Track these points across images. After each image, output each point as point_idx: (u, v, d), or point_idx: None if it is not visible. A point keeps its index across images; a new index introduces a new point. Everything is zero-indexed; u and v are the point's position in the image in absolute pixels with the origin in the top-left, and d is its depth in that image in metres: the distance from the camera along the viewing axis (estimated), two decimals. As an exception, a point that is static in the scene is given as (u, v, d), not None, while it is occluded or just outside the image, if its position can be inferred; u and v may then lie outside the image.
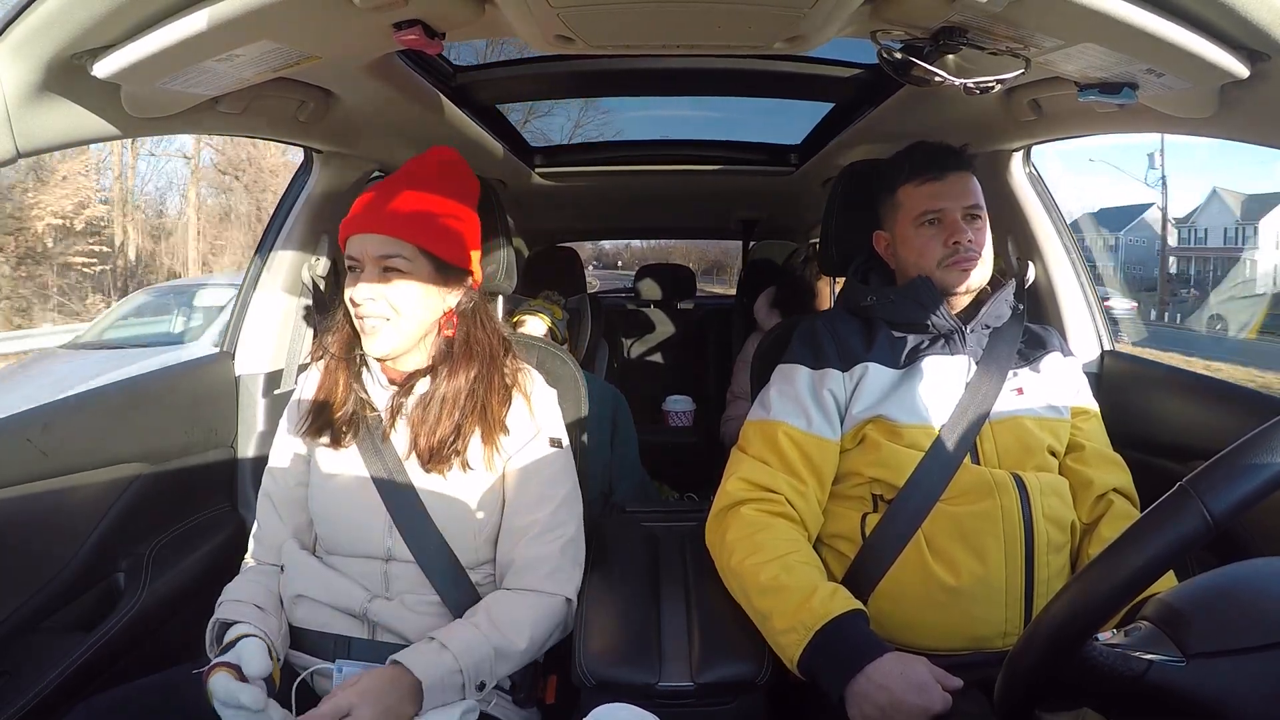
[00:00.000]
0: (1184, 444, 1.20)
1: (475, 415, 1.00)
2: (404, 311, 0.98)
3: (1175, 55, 0.75)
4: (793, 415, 1.07)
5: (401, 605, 0.98)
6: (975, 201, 1.08)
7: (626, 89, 1.72)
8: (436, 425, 0.99)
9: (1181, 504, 0.53)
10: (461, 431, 0.99)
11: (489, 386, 1.02)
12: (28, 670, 1.01)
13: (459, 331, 1.03)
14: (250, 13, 0.74)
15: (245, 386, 1.44)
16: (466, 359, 1.02)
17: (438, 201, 1.01)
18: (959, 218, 1.07)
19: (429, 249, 0.99)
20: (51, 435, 1.07)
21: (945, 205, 1.07)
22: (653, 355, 3.19)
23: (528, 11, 0.83)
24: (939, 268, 1.07)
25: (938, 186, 1.08)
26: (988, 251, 1.09)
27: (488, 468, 1.01)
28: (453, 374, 1.01)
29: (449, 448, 0.99)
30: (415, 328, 1.00)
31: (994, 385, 1.05)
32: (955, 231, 1.06)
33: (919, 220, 1.09)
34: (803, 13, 0.82)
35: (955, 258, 1.06)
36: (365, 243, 0.98)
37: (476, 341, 1.03)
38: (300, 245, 1.49)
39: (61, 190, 12.75)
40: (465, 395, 1.00)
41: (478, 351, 1.03)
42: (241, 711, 0.85)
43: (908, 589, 0.98)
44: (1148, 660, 0.56)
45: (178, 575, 1.24)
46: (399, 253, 0.97)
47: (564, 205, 2.62)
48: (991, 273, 1.12)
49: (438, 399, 1.00)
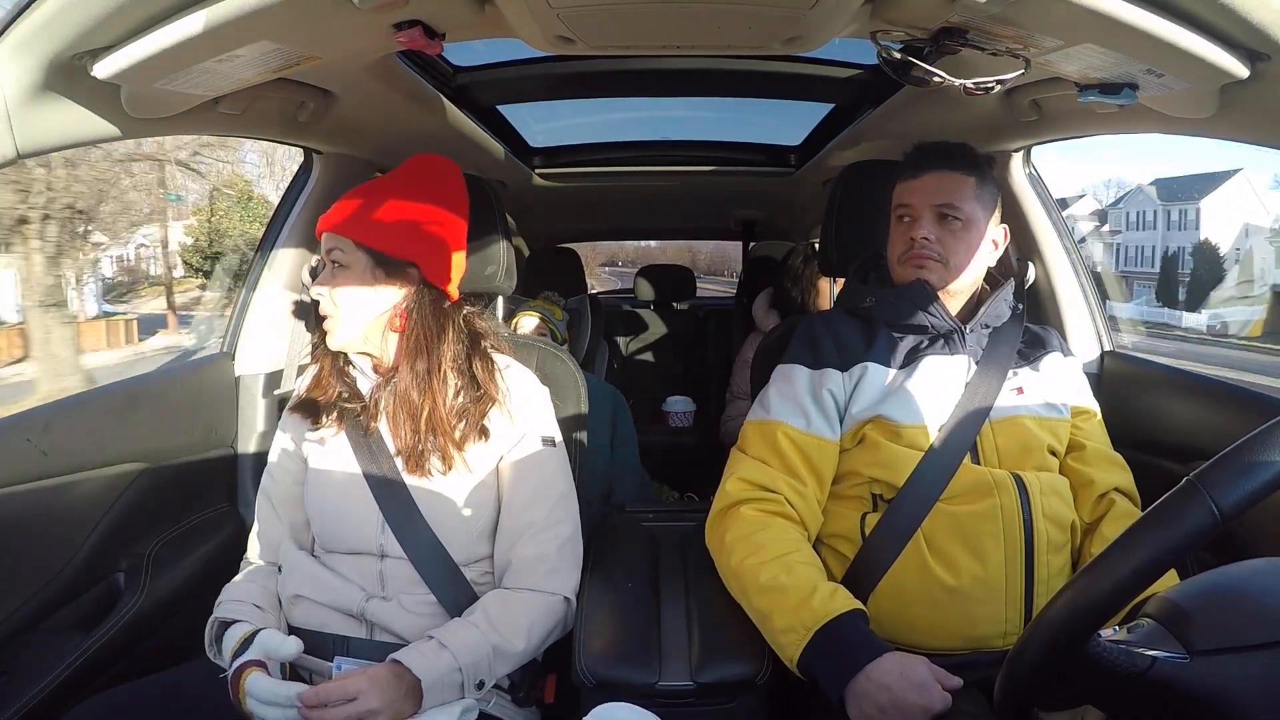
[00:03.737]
0: (1184, 444, 1.20)
1: (427, 419, 1.00)
2: (342, 305, 1.01)
3: (1175, 55, 0.75)
4: (792, 415, 1.07)
5: (399, 605, 0.98)
6: (946, 200, 1.06)
7: (626, 89, 1.73)
8: (403, 428, 1.01)
9: (1190, 498, 0.53)
10: (421, 437, 1.00)
11: (431, 387, 1.00)
12: (28, 670, 1.01)
13: (405, 327, 1.02)
14: (250, 13, 0.74)
15: (245, 386, 1.44)
16: (412, 356, 1.02)
17: (398, 202, 1.02)
18: (923, 216, 1.06)
19: (363, 242, 1.00)
20: (51, 435, 1.07)
21: (913, 201, 1.08)
22: (652, 355, 3.19)
23: (528, 12, 0.83)
24: (899, 263, 1.09)
25: (912, 183, 1.09)
26: (956, 253, 1.06)
27: (464, 466, 1.01)
28: (400, 373, 1.02)
29: (418, 451, 1.00)
30: (356, 324, 1.01)
31: (994, 385, 1.05)
32: (913, 228, 1.07)
33: (894, 215, 1.11)
34: (803, 13, 0.82)
35: (910, 253, 1.07)
36: (324, 241, 1.03)
37: (420, 339, 1.02)
38: (300, 245, 1.49)
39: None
40: (416, 394, 1.00)
41: (421, 348, 1.02)
42: (280, 709, 0.85)
43: (907, 589, 0.98)
44: (1151, 656, 0.56)
45: (178, 575, 1.24)
46: (336, 246, 1.01)
47: (564, 206, 2.62)
48: (984, 274, 1.12)
49: (395, 398, 1.01)
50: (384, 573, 1.00)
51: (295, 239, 1.49)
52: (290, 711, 0.85)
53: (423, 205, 1.03)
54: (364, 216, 1.01)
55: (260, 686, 0.86)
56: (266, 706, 0.86)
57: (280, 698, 0.85)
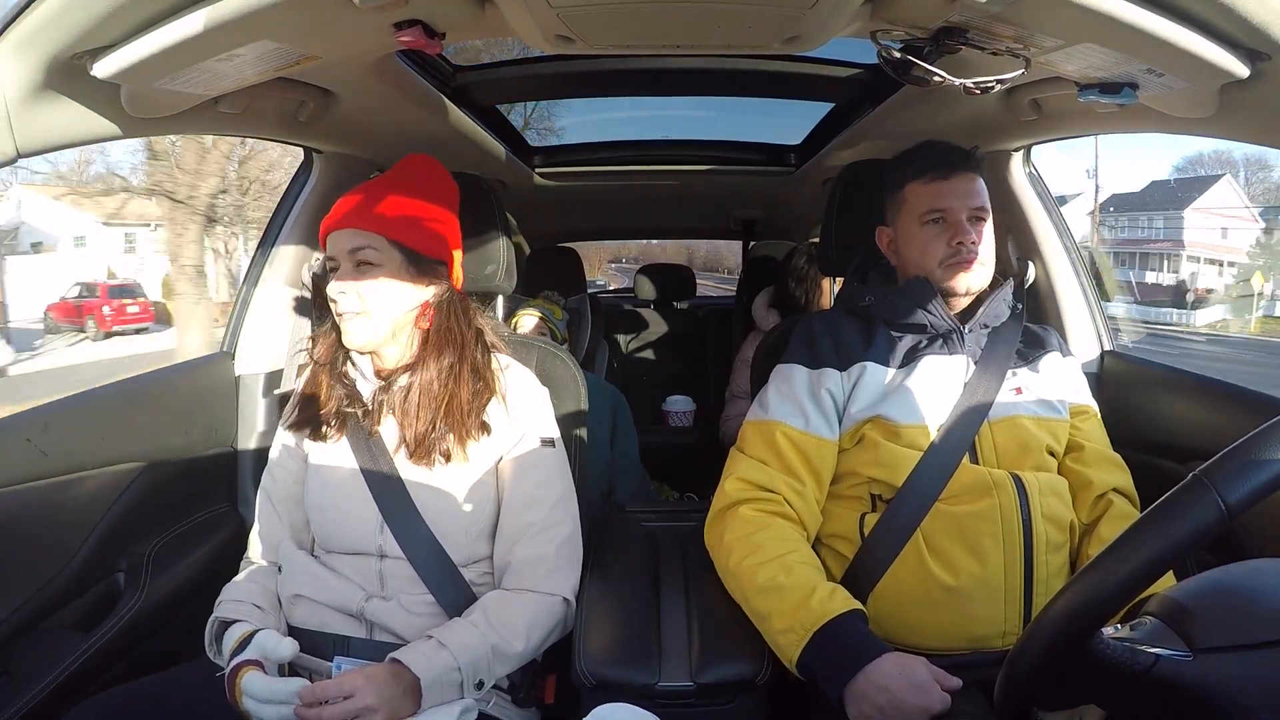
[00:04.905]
0: (1184, 444, 1.20)
1: (445, 407, 1.01)
2: (374, 304, 1.00)
3: (1175, 55, 0.75)
4: (790, 415, 1.07)
5: (398, 605, 0.98)
6: (981, 203, 1.08)
7: (626, 89, 1.72)
8: (416, 418, 1.00)
9: (1196, 494, 0.53)
10: (436, 424, 1.00)
11: (458, 378, 1.02)
12: (28, 670, 1.01)
13: (434, 323, 1.04)
14: (250, 13, 0.74)
15: (245, 386, 1.44)
16: (438, 350, 1.03)
17: (411, 200, 1.02)
18: (963, 218, 1.06)
19: (399, 240, 1.00)
20: (51, 435, 1.07)
21: (950, 205, 1.07)
22: (652, 355, 3.18)
23: (528, 11, 0.83)
24: (940, 267, 1.07)
25: (944, 185, 1.08)
26: (989, 254, 1.09)
27: (466, 461, 1.02)
28: (425, 366, 1.02)
29: (429, 439, 1.00)
30: (387, 321, 1.01)
31: (993, 385, 1.05)
32: (959, 232, 1.06)
33: (924, 218, 1.09)
34: (803, 13, 0.82)
35: (956, 258, 1.06)
36: (339, 239, 1.00)
37: (449, 332, 1.04)
38: (300, 245, 1.49)
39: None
40: (439, 386, 1.01)
41: (450, 342, 1.04)
42: (277, 706, 0.85)
43: (906, 589, 0.98)
44: (1154, 654, 0.56)
45: (178, 575, 1.24)
46: (369, 244, 0.99)
47: (564, 205, 2.62)
48: (992, 274, 1.12)
49: (415, 390, 1.01)
50: (383, 572, 1.00)
51: (295, 238, 1.49)
52: (286, 709, 0.85)
53: (436, 206, 1.05)
54: (394, 215, 1.00)
55: (257, 685, 0.86)
56: (263, 705, 0.86)
57: (278, 694, 0.85)
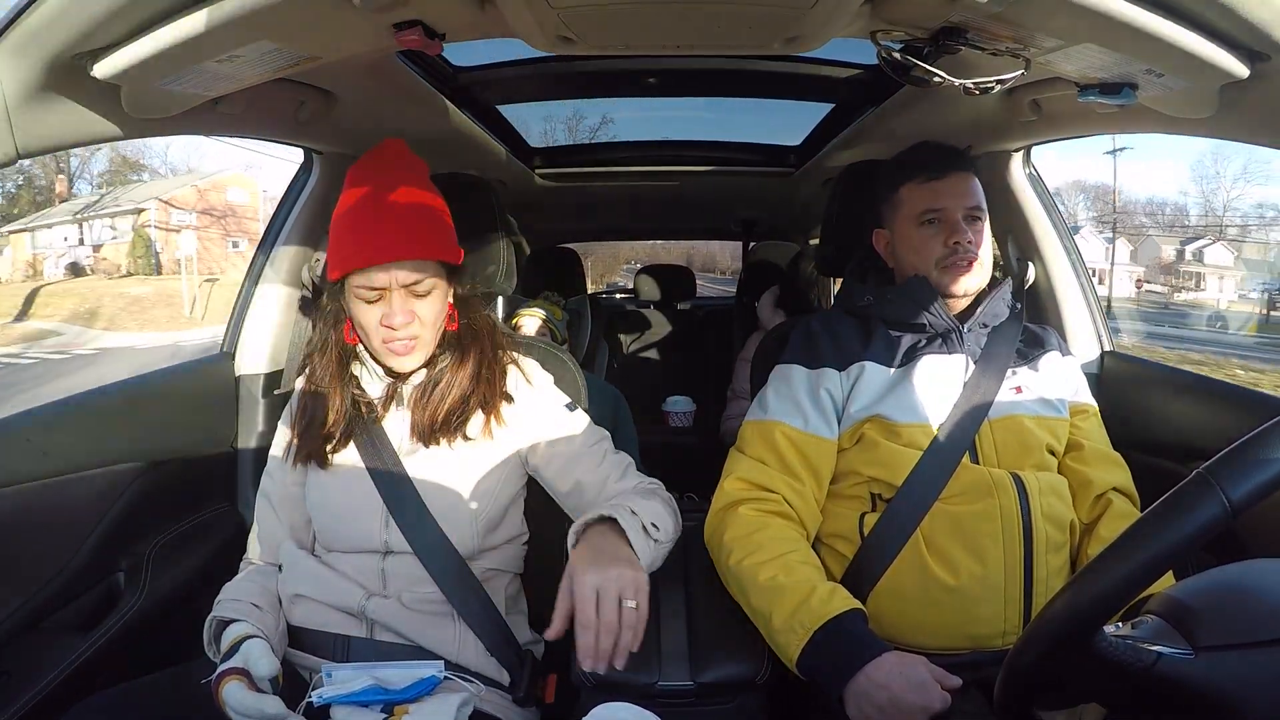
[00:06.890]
0: (1184, 444, 1.20)
1: (481, 391, 1.03)
2: (431, 325, 1.01)
3: (1175, 55, 0.75)
4: (790, 415, 1.07)
5: (399, 603, 0.98)
6: (976, 203, 1.09)
7: (627, 89, 1.73)
8: (442, 402, 1.01)
9: (1201, 491, 0.53)
10: (469, 404, 1.02)
11: (493, 363, 1.05)
12: (28, 670, 1.01)
13: (460, 320, 1.06)
14: (250, 14, 0.74)
15: (245, 386, 1.44)
16: (473, 343, 1.05)
17: (423, 204, 1.01)
18: (959, 218, 1.07)
19: (447, 259, 1.01)
20: (51, 435, 1.07)
21: (946, 205, 1.07)
22: (653, 355, 3.19)
23: (528, 12, 0.83)
24: (937, 267, 1.08)
25: (939, 185, 1.08)
26: (986, 254, 1.09)
27: (486, 436, 1.03)
28: (461, 362, 1.03)
29: (456, 419, 1.01)
30: (434, 336, 1.03)
31: (992, 384, 1.05)
32: (955, 232, 1.06)
33: (919, 219, 1.09)
34: (802, 13, 0.82)
35: (953, 258, 1.07)
36: (394, 272, 0.96)
37: (476, 324, 1.07)
38: (300, 245, 1.49)
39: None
40: (471, 379, 1.03)
41: (481, 332, 1.06)
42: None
43: (906, 588, 0.98)
44: (1156, 652, 0.56)
45: (178, 575, 1.24)
46: (423, 274, 0.98)
47: (564, 206, 2.62)
48: (990, 274, 1.12)
49: (444, 384, 1.02)
50: (385, 570, 1.00)
51: (295, 239, 1.49)
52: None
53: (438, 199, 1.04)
54: (428, 231, 0.99)
55: (235, 698, 0.84)
56: (239, 717, 0.84)
57: (250, 710, 0.83)
